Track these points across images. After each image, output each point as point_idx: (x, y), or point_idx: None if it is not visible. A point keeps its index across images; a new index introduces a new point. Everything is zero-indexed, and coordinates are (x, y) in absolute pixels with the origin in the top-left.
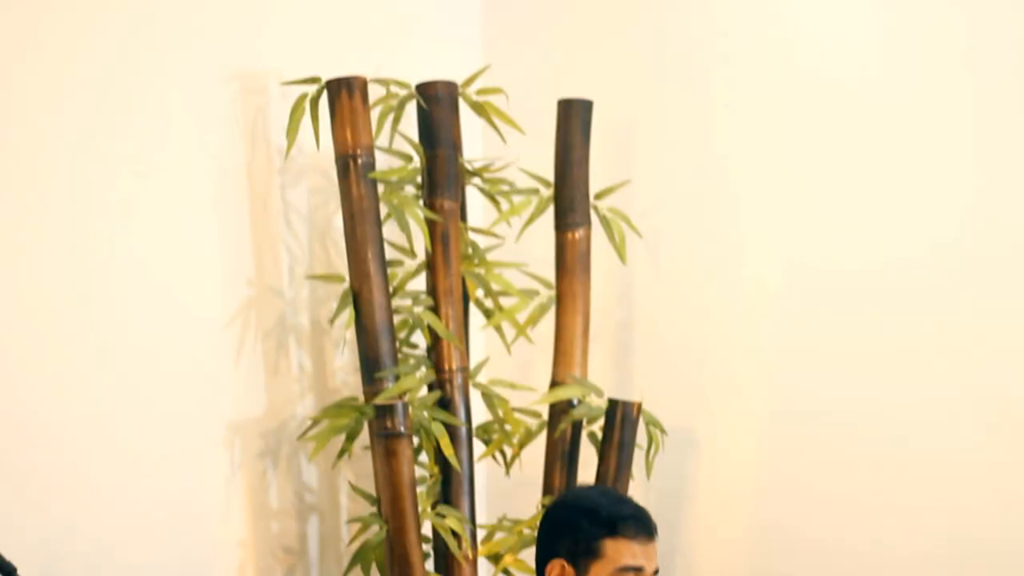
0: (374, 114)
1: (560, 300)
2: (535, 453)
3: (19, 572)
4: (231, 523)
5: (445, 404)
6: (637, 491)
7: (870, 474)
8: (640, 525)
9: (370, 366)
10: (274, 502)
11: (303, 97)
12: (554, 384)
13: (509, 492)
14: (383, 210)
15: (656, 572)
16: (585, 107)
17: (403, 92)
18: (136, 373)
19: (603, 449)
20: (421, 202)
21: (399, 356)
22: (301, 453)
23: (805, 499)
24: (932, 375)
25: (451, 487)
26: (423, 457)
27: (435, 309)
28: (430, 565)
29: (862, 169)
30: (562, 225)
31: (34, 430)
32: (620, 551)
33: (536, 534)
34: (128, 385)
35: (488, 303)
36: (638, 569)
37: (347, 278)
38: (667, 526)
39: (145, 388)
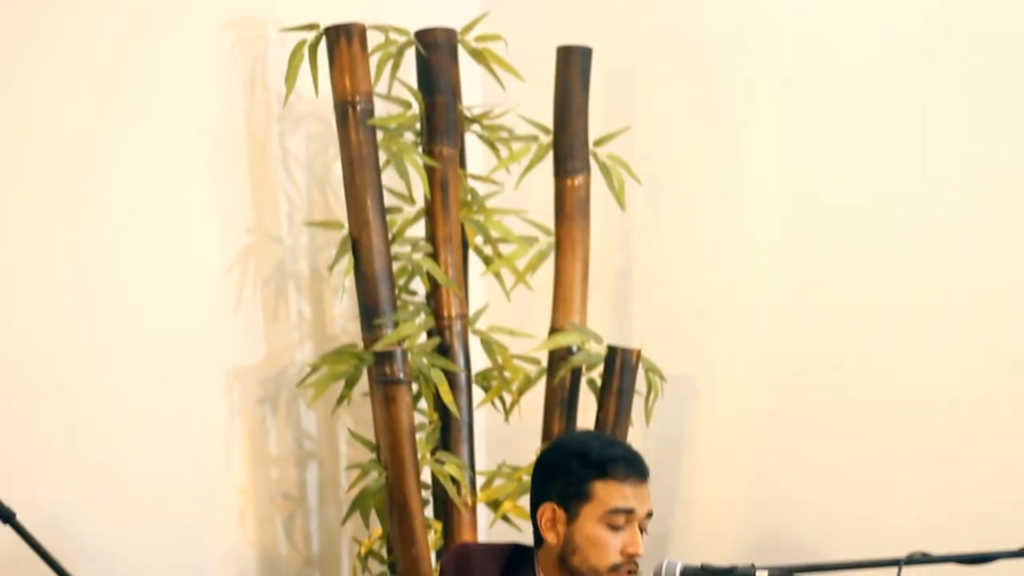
0: (373, 61)
1: (559, 247)
2: (534, 400)
3: (18, 518)
4: (230, 470)
5: (444, 351)
6: (636, 438)
7: (872, 419)
8: (631, 467)
9: (369, 313)
10: (273, 449)
11: (302, 44)
12: (553, 331)
13: (508, 439)
14: (382, 157)
15: (650, 515)
16: (584, 54)
17: (402, 39)
18: (134, 321)
19: (602, 396)
20: (420, 149)
21: (398, 303)
22: (300, 400)
23: (805, 444)
24: (939, 321)
25: (450, 434)
26: (422, 404)
27: (434, 256)
28: (429, 511)
29: (862, 115)
30: (561, 172)
31: (32, 378)
32: (610, 493)
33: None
34: (127, 333)
35: (487, 250)
36: (628, 511)
37: (346, 225)
38: (666, 473)
39: (144, 336)
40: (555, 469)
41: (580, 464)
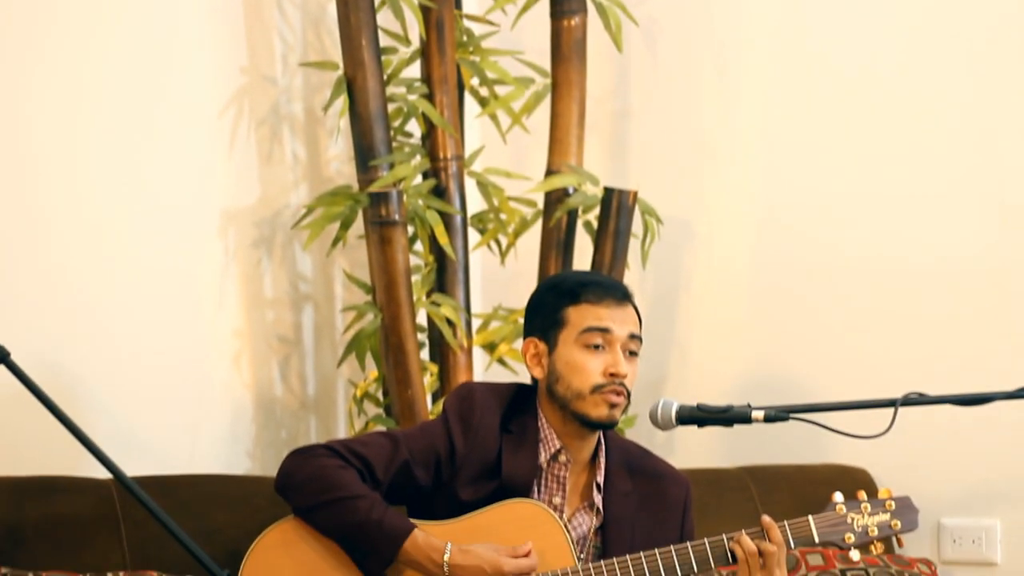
0: None
1: (556, 88)
2: (530, 242)
3: (12, 357)
4: (226, 312)
5: (440, 193)
6: (633, 281)
7: (870, 261)
8: (604, 289)
9: (364, 154)
10: (268, 291)
11: None
12: (549, 173)
13: (504, 282)
14: None
15: (633, 337)
16: None
17: None
18: (128, 163)
19: (598, 238)
20: None
21: (393, 145)
22: (295, 242)
23: (802, 286)
24: (938, 160)
25: (446, 276)
26: (418, 246)
27: (430, 97)
28: (425, 354)
29: None
30: (558, 12)
31: (26, 220)
32: (583, 315)
33: None
34: (120, 175)
35: (483, 91)
36: (604, 330)
37: (341, 65)
38: (662, 316)
39: (138, 178)
40: (534, 306)
41: (554, 295)
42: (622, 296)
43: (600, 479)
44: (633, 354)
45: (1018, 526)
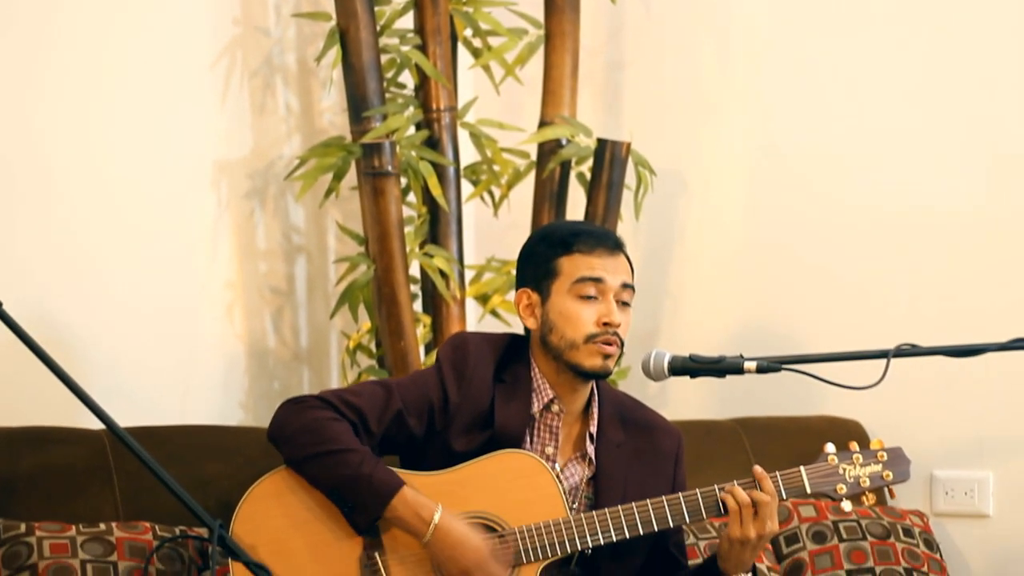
0: None
1: (549, 39)
2: (524, 194)
3: (5, 308)
4: (218, 264)
5: (433, 144)
6: (625, 232)
7: (864, 212)
8: (596, 239)
9: (357, 105)
10: (261, 243)
11: None
12: (543, 124)
13: (498, 233)
14: None
15: (626, 286)
16: None
17: None
18: (121, 113)
19: (591, 189)
20: None
21: (386, 96)
22: (288, 193)
23: (795, 238)
24: (933, 110)
25: (439, 227)
26: (411, 198)
27: (423, 48)
28: (418, 306)
29: None
30: None
31: (20, 172)
32: (575, 265)
33: None
34: (113, 126)
35: (476, 42)
36: (597, 280)
37: (334, 16)
38: (654, 268)
39: (130, 129)
40: (526, 256)
41: (546, 245)
42: (614, 245)
43: (593, 430)
44: (626, 304)
45: (1010, 478)
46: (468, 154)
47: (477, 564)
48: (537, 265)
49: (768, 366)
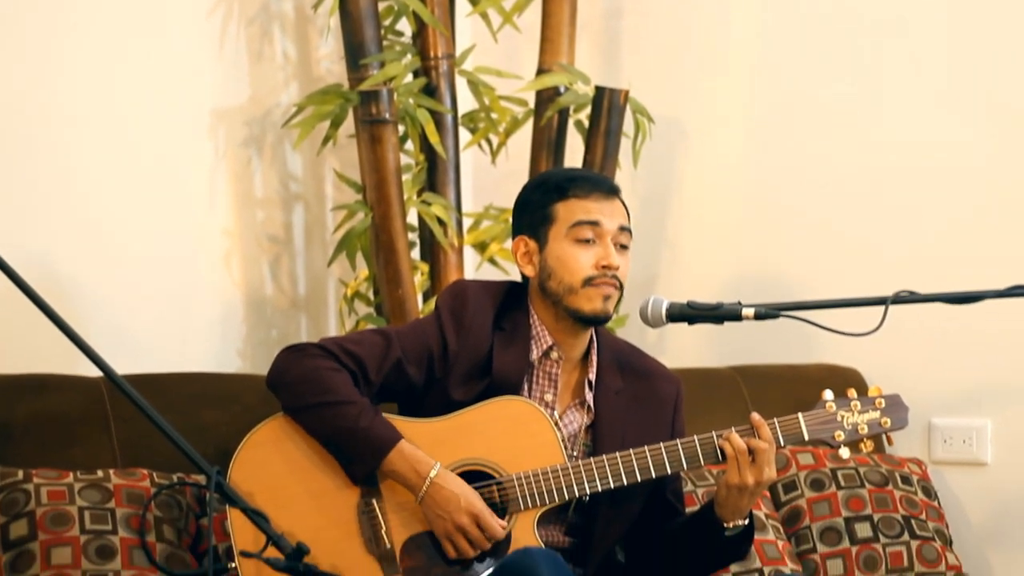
0: None
1: None
2: (521, 142)
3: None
4: (216, 212)
5: (431, 91)
6: (623, 180)
7: (861, 159)
8: (591, 184)
9: (355, 53)
10: (259, 191)
11: None
12: (540, 72)
13: (496, 181)
14: None
15: (623, 229)
16: None
17: None
18: (119, 63)
19: (589, 137)
20: None
21: (384, 43)
22: (286, 141)
23: (793, 185)
24: (927, 64)
25: (437, 175)
26: (409, 146)
27: None
28: (415, 253)
29: None
30: None
31: (19, 123)
32: (571, 209)
33: None
34: (112, 75)
35: None
36: (593, 223)
37: None
38: (653, 216)
39: (129, 78)
40: (522, 204)
41: (541, 192)
42: (609, 189)
43: (592, 377)
44: (624, 247)
45: (1009, 426)
46: (466, 102)
47: (472, 519)
48: (533, 212)
49: (766, 312)
